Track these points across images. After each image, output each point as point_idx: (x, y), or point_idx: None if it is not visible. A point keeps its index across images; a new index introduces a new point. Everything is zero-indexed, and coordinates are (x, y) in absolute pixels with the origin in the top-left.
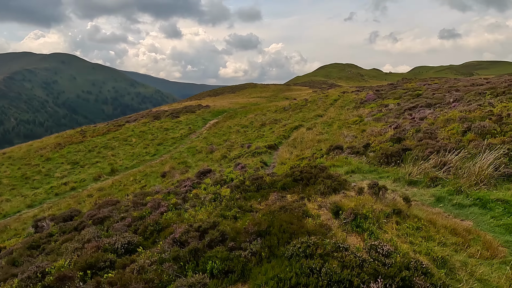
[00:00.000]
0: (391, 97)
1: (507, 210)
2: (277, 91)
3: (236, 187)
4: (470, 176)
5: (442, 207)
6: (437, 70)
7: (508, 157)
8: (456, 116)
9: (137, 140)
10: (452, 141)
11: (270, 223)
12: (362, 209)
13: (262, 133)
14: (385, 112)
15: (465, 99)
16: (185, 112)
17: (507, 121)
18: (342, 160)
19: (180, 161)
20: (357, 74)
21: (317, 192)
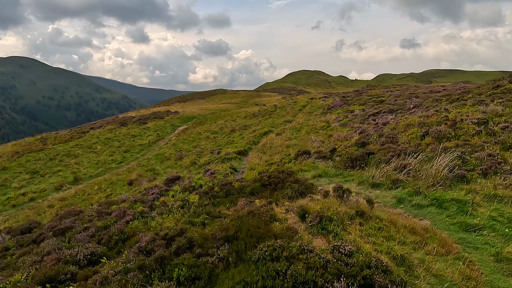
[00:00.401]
0: (356, 103)
1: (461, 209)
2: (247, 97)
3: (204, 194)
4: (427, 177)
5: (402, 208)
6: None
7: (461, 159)
8: (415, 122)
9: (102, 147)
10: (411, 145)
11: (238, 228)
12: (327, 211)
13: (232, 139)
14: (351, 117)
15: (424, 105)
16: (153, 118)
17: (460, 125)
18: (310, 164)
19: (148, 168)
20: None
21: (284, 196)
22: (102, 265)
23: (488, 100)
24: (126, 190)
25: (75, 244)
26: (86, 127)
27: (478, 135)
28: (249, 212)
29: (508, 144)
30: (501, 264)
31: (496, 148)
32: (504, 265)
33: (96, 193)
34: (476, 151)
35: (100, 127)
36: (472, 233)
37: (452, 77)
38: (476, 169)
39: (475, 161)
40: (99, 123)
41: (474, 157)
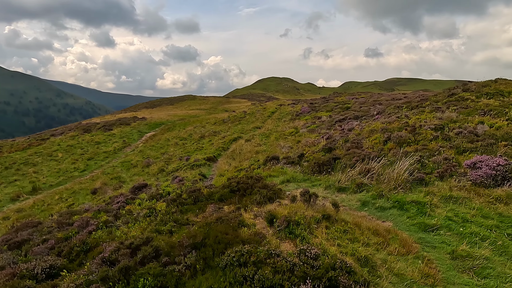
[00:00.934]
0: (323, 109)
1: (420, 210)
2: (217, 103)
3: (172, 201)
4: (390, 181)
5: (366, 211)
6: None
7: (421, 163)
8: (378, 127)
9: (64, 155)
10: (375, 149)
11: (206, 235)
12: (295, 216)
13: (201, 145)
14: (318, 123)
15: (386, 112)
16: (119, 124)
17: (419, 131)
18: (278, 170)
19: (113, 176)
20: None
21: (253, 202)
22: (62, 279)
23: (444, 107)
24: (90, 199)
25: (33, 257)
26: (46, 134)
27: (435, 140)
28: (217, 219)
29: (462, 148)
30: (456, 261)
31: (451, 152)
32: (459, 262)
33: (56, 203)
34: (434, 155)
35: (61, 133)
36: (431, 233)
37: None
38: (433, 172)
39: (432, 164)
40: (61, 130)
41: (432, 161)
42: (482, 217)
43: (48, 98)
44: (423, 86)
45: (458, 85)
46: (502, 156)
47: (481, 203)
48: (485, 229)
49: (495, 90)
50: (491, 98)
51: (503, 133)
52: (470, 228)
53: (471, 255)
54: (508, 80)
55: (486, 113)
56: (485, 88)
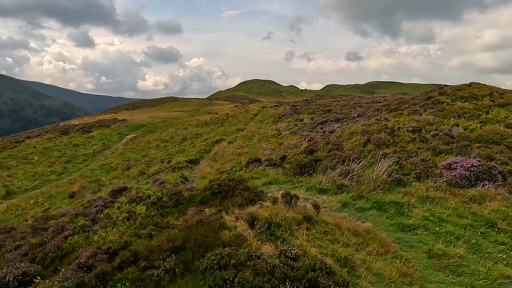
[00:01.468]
0: (306, 112)
1: (398, 210)
2: (199, 105)
3: (152, 204)
4: (369, 182)
5: (347, 212)
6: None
7: (399, 165)
8: (359, 130)
9: (40, 157)
10: (355, 151)
11: (186, 238)
12: (276, 218)
13: (183, 147)
14: (300, 126)
15: (367, 115)
16: (98, 126)
17: (398, 133)
18: (260, 172)
19: (92, 179)
20: (276, 90)
21: (235, 204)
22: (35, 286)
23: (421, 110)
24: (67, 203)
25: (4, 264)
26: (22, 136)
27: (413, 142)
28: (198, 221)
29: (438, 150)
30: (432, 260)
31: (428, 153)
32: (435, 261)
33: (32, 207)
34: (411, 157)
35: (38, 136)
36: (408, 233)
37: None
38: (411, 173)
39: (410, 166)
40: (37, 132)
41: (410, 162)
42: (457, 217)
43: (23, 99)
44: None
45: (435, 89)
46: (476, 157)
47: (456, 203)
48: (460, 228)
49: (469, 94)
50: (465, 101)
51: (477, 135)
52: (445, 227)
53: (446, 253)
54: (481, 84)
55: (461, 116)
56: (460, 92)
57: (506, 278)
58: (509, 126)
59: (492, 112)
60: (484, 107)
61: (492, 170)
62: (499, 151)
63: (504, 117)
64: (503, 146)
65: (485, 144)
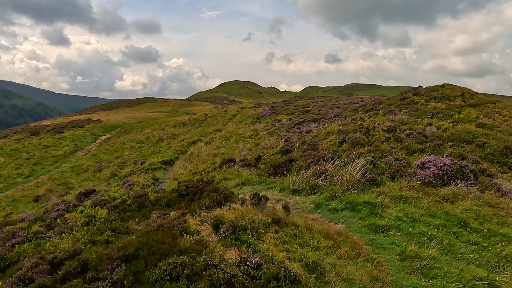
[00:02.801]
0: (284, 112)
1: (371, 211)
2: (178, 106)
3: (114, 208)
4: (343, 182)
5: (319, 213)
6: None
7: (373, 164)
8: (334, 129)
9: (6, 159)
10: (330, 151)
11: (140, 245)
12: (242, 221)
13: (159, 148)
14: (278, 126)
15: (343, 115)
16: (71, 127)
17: (373, 133)
18: (234, 173)
19: (60, 182)
20: (256, 92)
21: (202, 206)
22: None
23: (396, 110)
24: (31, 207)
25: None
26: None
27: (388, 141)
28: (159, 226)
29: (412, 149)
30: (405, 262)
31: (402, 153)
32: (407, 264)
33: None
34: (386, 156)
35: (5, 137)
36: (381, 234)
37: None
38: (385, 173)
39: (384, 165)
40: (4, 133)
41: (384, 162)
42: (430, 216)
43: None
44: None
45: (410, 90)
46: (449, 156)
47: (429, 203)
48: (432, 228)
49: (442, 94)
50: (439, 101)
51: (449, 134)
52: (418, 227)
53: (419, 255)
54: (454, 85)
55: (434, 116)
56: (434, 93)
57: (478, 280)
58: (480, 125)
59: (464, 112)
60: (456, 107)
61: (464, 169)
62: (470, 150)
63: (475, 116)
64: (474, 145)
65: (458, 143)
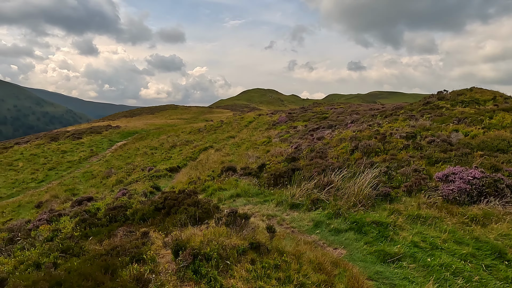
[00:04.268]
0: (301, 119)
1: (381, 233)
2: (199, 113)
3: (82, 221)
4: (349, 197)
5: (318, 234)
6: (347, 98)
7: (387, 175)
8: (348, 136)
9: (25, 164)
10: (340, 160)
11: (63, 279)
12: (207, 246)
13: (170, 155)
14: (292, 133)
15: (360, 121)
16: (89, 133)
17: (389, 139)
18: (232, 182)
19: (68, 188)
20: (277, 99)
21: (177, 223)
22: None
23: (418, 115)
24: (33, 214)
25: None
26: (11, 142)
27: (406, 149)
28: (113, 248)
29: (434, 158)
30: None
31: (421, 162)
32: None
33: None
34: (402, 166)
35: (27, 142)
36: (391, 265)
37: (393, 99)
38: (401, 186)
39: (400, 177)
40: (27, 138)
41: (400, 173)
42: (455, 243)
43: (27, 106)
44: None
45: (434, 94)
46: (478, 167)
47: (454, 224)
48: (458, 259)
49: (470, 99)
50: (466, 106)
51: (479, 142)
52: (440, 257)
53: None
54: (484, 89)
55: (461, 121)
56: (461, 97)
57: None
58: None
59: (496, 117)
60: (487, 111)
61: (499, 183)
62: (506, 160)
63: (511, 122)
64: (511, 155)
65: (489, 152)
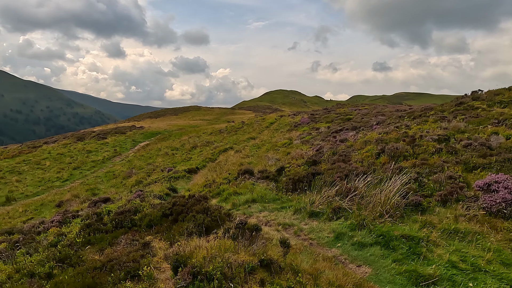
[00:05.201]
0: (324, 120)
1: (412, 249)
2: (221, 114)
3: (87, 226)
4: (375, 206)
5: (340, 247)
6: (372, 99)
7: (418, 183)
8: (373, 138)
9: (52, 163)
10: (364, 164)
11: None
12: (209, 264)
13: (190, 155)
14: (314, 134)
15: (386, 122)
16: (114, 133)
17: (419, 142)
18: (248, 186)
19: (89, 187)
20: (300, 101)
21: (183, 232)
22: None
23: (450, 116)
24: (51, 213)
25: None
26: (40, 142)
27: (438, 153)
28: (109, 260)
29: (472, 164)
30: None
31: (457, 169)
32: None
33: (19, 216)
34: (435, 173)
35: (55, 141)
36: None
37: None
38: (434, 194)
39: (433, 184)
40: (55, 138)
41: (433, 180)
42: (501, 264)
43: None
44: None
45: (467, 94)
46: None
47: (499, 242)
48: (506, 285)
49: (509, 98)
50: (505, 106)
51: None
52: (484, 282)
53: None
54: None
55: (500, 123)
56: (498, 97)
57: None
58: None
59: None
60: None
61: None
62: None
63: None
64: None
65: None
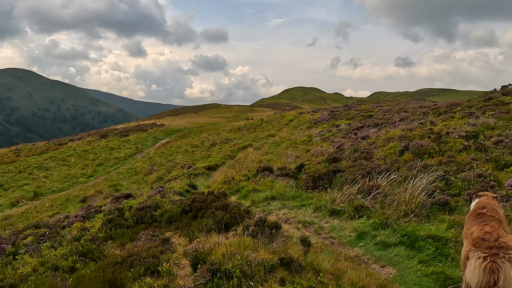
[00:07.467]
0: (344, 117)
1: (439, 251)
2: (240, 112)
3: (108, 221)
4: (399, 204)
5: (362, 247)
6: (394, 96)
7: (445, 181)
8: (396, 135)
9: (76, 160)
10: (387, 161)
11: None
12: (228, 262)
13: (210, 153)
14: (334, 132)
15: (410, 119)
16: (135, 130)
17: (446, 139)
18: (267, 183)
19: (112, 183)
20: (320, 98)
21: (202, 228)
22: None
23: (478, 112)
24: (76, 208)
25: None
26: (65, 139)
27: (466, 150)
28: (130, 256)
29: (503, 162)
30: None
31: (487, 166)
32: None
33: (46, 210)
34: (463, 171)
35: (80, 139)
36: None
37: (445, 96)
38: (462, 193)
39: (461, 183)
40: (80, 135)
41: (461, 178)
42: None
43: (83, 106)
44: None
45: (496, 89)
46: None
47: None
48: None
49: None
50: None
51: None
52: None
53: None
54: None
55: None
56: None
57: None
58: None
59: None
60: None
61: None
62: None
63: None
64: None
65: None
